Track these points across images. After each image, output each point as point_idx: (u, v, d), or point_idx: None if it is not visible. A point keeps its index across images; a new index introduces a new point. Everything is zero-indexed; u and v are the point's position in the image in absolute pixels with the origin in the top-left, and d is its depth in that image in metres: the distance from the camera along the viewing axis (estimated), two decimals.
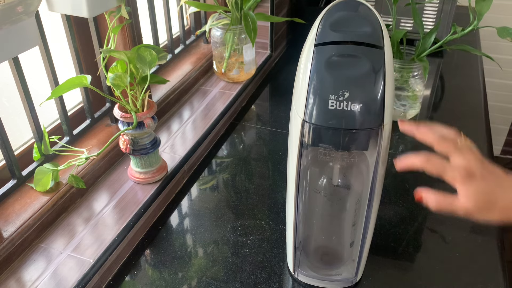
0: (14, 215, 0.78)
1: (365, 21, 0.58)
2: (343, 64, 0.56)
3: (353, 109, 0.54)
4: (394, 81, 0.58)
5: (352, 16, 0.60)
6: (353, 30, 0.58)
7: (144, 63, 0.82)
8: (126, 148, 0.87)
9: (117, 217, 0.85)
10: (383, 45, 0.57)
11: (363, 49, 0.56)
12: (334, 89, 0.55)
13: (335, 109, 0.55)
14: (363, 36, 0.57)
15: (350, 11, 0.61)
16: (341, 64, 0.56)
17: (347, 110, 0.55)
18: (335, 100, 0.55)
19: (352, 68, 0.56)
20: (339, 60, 0.56)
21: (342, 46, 0.57)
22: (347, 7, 0.61)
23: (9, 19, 0.63)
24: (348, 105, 0.55)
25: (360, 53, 0.56)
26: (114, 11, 0.83)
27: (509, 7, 1.95)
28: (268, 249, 0.84)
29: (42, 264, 0.76)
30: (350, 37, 0.57)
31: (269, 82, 1.40)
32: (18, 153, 0.86)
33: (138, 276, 0.80)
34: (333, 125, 0.56)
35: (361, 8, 0.61)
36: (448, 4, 1.40)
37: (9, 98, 0.85)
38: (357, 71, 0.55)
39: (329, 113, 0.55)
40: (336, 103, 0.55)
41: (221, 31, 1.21)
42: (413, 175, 1.01)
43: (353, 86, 0.55)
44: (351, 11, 0.61)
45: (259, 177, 1.02)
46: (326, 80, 0.55)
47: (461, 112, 1.25)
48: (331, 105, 0.55)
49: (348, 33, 0.58)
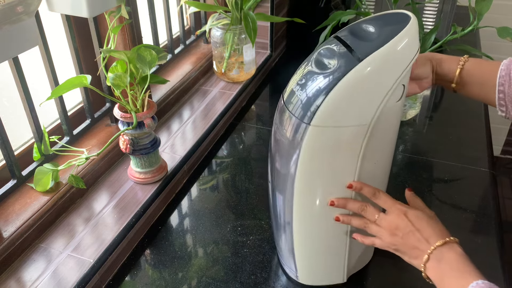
0: (14, 215, 0.78)
1: (372, 36, 0.60)
2: (324, 55, 0.61)
3: (300, 97, 0.60)
4: (353, 92, 0.58)
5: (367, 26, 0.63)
6: (359, 36, 0.61)
7: (144, 63, 0.82)
8: (126, 148, 0.87)
9: (117, 217, 0.85)
10: (362, 60, 0.57)
11: (345, 52, 0.59)
12: (300, 75, 0.63)
13: (293, 92, 0.62)
14: (355, 41, 0.60)
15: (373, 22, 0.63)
16: (322, 55, 0.62)
17: (298, 96, 0.61)
18: (297, 85, 0.62)
19: (326, 62, 0.60)
20: (324, 52, 0.62)
21: (333, 41, 0.62)
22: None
23: (9, 19, 0.63)
24: (301, 92, 0.61)
25: (339, 52, 0.60)
26: (114, 11, 0.83)
27: (509, 7, 1.95)
28: (268, 249, 0.83)
29: (42, 264, 0.76)
30: (345, 38, 0.61)
31: (269, 82, 1.40)
32: (18, 153, 0.86)
33: (138, 276, 0.80)
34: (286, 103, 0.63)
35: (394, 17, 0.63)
36: (448, 4, 1.40)
37: (9, 98, 0.85)
38: (326, 67, 0.60)
39: (291, 94, 0.63)
40: (296, 86, 0.62)
41: (221, 31, 1.21)
42: (413, 175, 1.01)
43: (311, 79, 0.60)
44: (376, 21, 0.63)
45: (259, 177, 1.02)
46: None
47: (461, 112, 1.25)
48: (294, 88, 0.62)
49: (348, 35, 0.62)
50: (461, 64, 0.75)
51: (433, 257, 0.59)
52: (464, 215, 0.90)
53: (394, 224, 0.62)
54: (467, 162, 1.04)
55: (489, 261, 0.80)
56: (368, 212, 0.64)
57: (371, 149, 0.61)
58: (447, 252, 0.59)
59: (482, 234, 0.86)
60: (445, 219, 0.89)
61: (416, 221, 0.61)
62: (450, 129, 1.17)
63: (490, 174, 1.00)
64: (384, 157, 0.67)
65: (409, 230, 0.61)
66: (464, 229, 0.87)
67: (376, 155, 0.64)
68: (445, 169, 1.03)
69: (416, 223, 0.61)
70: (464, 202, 0.93)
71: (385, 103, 0.58)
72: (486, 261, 0.80)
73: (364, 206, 0.64)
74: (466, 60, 0.75)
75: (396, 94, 0.60)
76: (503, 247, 0.84)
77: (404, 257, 0.63)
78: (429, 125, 1.21)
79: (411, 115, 1.19)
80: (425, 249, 0.60)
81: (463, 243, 0.84)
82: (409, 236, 0.61)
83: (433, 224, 0.61)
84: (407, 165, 1.04)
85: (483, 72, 0.74)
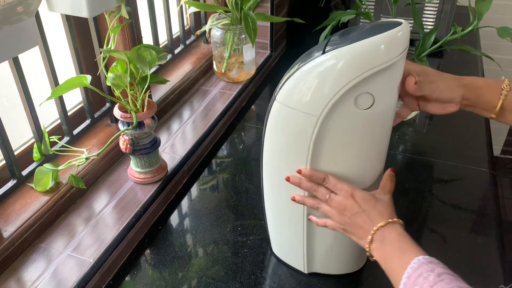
0: (14, 215, 0.78)
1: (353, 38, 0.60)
2: (316, 49, 0.63)
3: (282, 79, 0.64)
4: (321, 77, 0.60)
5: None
6: (346, 37, 0.62)
7: (144, 63, 0.82)
8: (126, 148, 0.87)
9: (117, 217, 0.85)
10: (325, 53, 0.59)
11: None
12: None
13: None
14: (339, 39, 0.61)
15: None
16: (314, 49, 0.64)
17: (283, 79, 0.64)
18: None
19: (312, 54, 0.62)
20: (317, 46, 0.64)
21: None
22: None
23: (9, 19, 0.63)
24: (284, 77, 0.64)
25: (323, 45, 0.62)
26: (114, 11, 0.83)
27: (509, 7, 1.95)
28: (268, 249, 0.83)
29: (42, 264, 0.76)
30: (335, 36, 0.63)
31: (269, 82, 1.40)
32: (18, 153, 0.86)
33: (138, 276, 0.80)
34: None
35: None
36: (448, 4, 1.40)
37: (9, 98, 0.85)
38: (310, 57, 0.62)
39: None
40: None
41: (221, 31, 1.21)
42: (413, 175, 1.01)
43: (294, 66, 0.63)
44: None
45: (259, 177, 1.02)
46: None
47: (461, 112, 1.25)
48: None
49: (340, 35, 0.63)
50: (504, 94, 0.68)
51: (376, 238, 0.61)
52: (464, 215, 0.90)
53: (342, 204, 0.64)
54: (467, 162, 1.04)
55: (489, 261, 0.80)
56: (319, 192, 0.66)
57: (326, 147, 0.63)
58: (389, 232, 0.60)
59: (482, 234, 0.86)
60: (445, 219, 0.90)
61: (363, 203, 0.63)
62: (450, 129, 1.17)
63: (490, 174, 1.00)
64: (349, 161, 0.65)
65: (356, 211, 0.63)
66: (464, 229, 0.87)
67: (336, 156, 0.64)
68: (445, 169, 1.03)
69: (363, 204, 0.63)
70: (464, 202, 0.93)
71: (336, 101, 0.58)
72: (486, 261, 0.80)
73: (315, 186, 0.66)
74: (509, 88, 0.68)
75: (362, 102, 0.59)
76: (503, 247, 0.84)
77: (352, 237, 0.65)
78: (429, 125, 1.20)
79: (411, 115, 1.19)
80: (369, 230, 0.62)
81: (463, 243, 0.84)
82: (356, 217, 0.63)
83: (379, 207, 0.63)
84: (407, 165, 1.04)
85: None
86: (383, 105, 0.61)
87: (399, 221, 0.62)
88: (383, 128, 0.65)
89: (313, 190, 0.66)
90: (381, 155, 0.68)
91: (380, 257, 0.60)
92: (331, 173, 0.65)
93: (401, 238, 0.59)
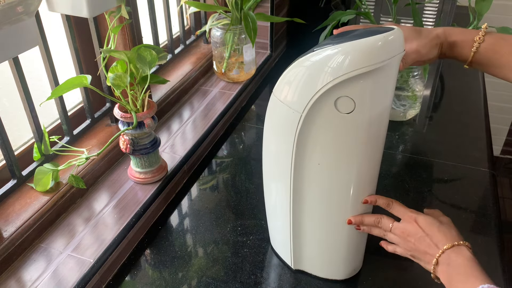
0: (14, 215, 0.78)
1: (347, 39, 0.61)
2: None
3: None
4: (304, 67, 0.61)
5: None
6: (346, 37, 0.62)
7: (144, 63, 0.82)
8: (126, 148, 0.87)
9: (117, 217, 0.85)
10: (315, 51, 0.60)
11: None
12: None
13: None
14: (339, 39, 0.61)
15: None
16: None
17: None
18: None
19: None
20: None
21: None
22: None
23: (9, 19, 0.63)
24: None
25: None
26: (114, 11, 0.83)
27: (509, 7, 1.95)
28: (268, 249, 0.84)
29: (42, 264, 0.76)
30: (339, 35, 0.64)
31: (269, 82, 1.40)
32: (18, 153, 0.86)
33: (138, 276, 0.80)
34: None
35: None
36: (448, 4, 1.40)
37: (9, 98, 0.85)
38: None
39: None
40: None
41: (221, 31, 1.21)
42: (413, 175, 1.01)
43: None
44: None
45: (259, 177, 1.02)
46: None
47: (461, 112, 1.25)
48: None
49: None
50: (475, 48, 0.71)
51: (442, 261, 0.60)
52: (464, 215, 0.90)
53: (406, 231, 0.64)
54: (467, 162, 1.04)
55: (489, 261, 0.80)
56: (383, 223, 0.67)
57: (310, 147, 0.63)
58: (455, 256, 0.60)
59: (482, 234, 0.86)
60: None
61: (426, 226, 0.63)
62: (450, 129, 1.17)
63: (490, 174, 1.01)
64: (332, 165, 0.65)
65: (420, 236, 0.63)
66: (464, 229, 0.87)
67: (318, 156, 0.64)
68: (445, 169, 1.03)
69: (426, 228, 0.63)
70: (464, 202, 0.93)
71: (316, 99, 0.59)
72: (486, 261, 0.80)
73: (379, 219, 0.67)
74: (482, 40, 0.71)
75: (343, 105, 0.59)
76: (503, 247, 0.84)
77: (421, 263, 0.65)
78: (429, 125, 1.21)
79: (411, 115, 1.19)
80: (434, 254, 0.61)
81: None
82: (421, 242, 0.63)
83: (443, 230, 0.62)
84: (407, 165, 1.04)
85: (501, 54, 0.70)
86: (367, 112, 0.60)
87: (466, 243, 0.61)
88: (370, 138, 0.63)
89: (377, 223, 0.67)
90: (371, 164, 0.67)
91: (446, 280, 0.60)
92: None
93: (467, 263, 0.59)
